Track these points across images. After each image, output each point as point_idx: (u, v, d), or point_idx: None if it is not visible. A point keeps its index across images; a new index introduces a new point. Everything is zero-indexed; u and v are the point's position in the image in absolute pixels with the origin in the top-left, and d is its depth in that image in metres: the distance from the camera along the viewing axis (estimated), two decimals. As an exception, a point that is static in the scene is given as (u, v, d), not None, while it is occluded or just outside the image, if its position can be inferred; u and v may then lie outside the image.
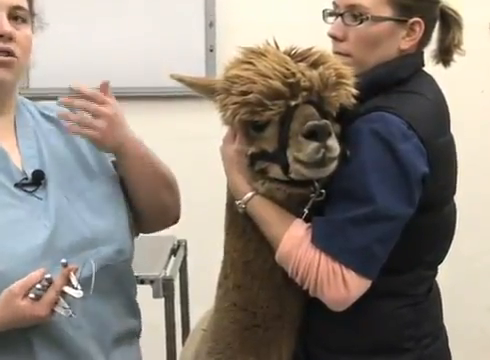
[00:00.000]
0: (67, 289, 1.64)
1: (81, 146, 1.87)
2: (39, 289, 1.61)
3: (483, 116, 3.74)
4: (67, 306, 1.64)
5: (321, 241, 1.68)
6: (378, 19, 1.79)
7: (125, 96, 3.66)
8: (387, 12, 1.80)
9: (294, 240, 1.70)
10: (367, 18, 1.79)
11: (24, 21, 1.76)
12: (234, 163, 1.77)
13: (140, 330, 1.96)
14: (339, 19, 1.84)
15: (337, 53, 1.84)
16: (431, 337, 1.88)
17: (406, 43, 1.83)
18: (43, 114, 1.88)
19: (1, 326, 1.64)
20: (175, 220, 2.02)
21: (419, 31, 1.83)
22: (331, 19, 1.88)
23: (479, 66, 3.53)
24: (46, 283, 1.62)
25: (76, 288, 1.65)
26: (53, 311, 1.64)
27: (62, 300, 1.64)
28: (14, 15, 1.73)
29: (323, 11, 1.90)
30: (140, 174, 1.85)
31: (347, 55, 1.82)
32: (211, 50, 3.66)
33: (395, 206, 1.66)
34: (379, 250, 1.68)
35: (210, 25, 3.67)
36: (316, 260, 1.67)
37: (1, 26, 1.70)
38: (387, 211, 1.66)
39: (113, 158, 1.90)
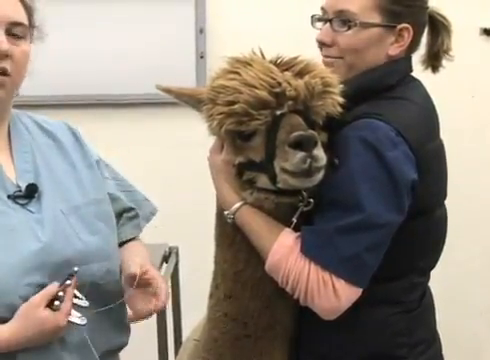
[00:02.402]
0: (74, 300, 1.68)
1: (77, 164, 1.87)
2: (60, 298, 1.64)
3: (473, 121, 3.75)
4: (80, 315, 1.67)
5: (311, 251, 1.68)
6: (366, 25, 1.79)
7: (115, 103, 3.67)
8: (375, 18, 1.80)
9: (284, 250, 1.69)
10: (355, 24, 1.79)
11: (22, 37, 1.73)
12: (221, 173, 1.77)
13: (125, 345, 1.95)
14: (327, 25, 1.84)
15: (327, 56, 1.84)
16: (425, 344, 1.87)
17: (394, 49, 1.83)
18: (42, 127, 1.88)
19: (24, 340, 1.64)
20: None
21: (407, 37, 1.82)
22: (319, 24, 1.88)
23: (469, 71, 3.54)
24: (63, 294, 1.65)
25: (81, 299, 1.69)
26: (69, 322, 1.66)
27: (73, 310, 1.67)
28: (12, 31, 1.71)
29: (311, 17, 1.90)
30: None
31: (338, 57, 1.83)
32: (201, 57, 3.66)
33: (384, 214, 1.66)
34: (369, 258, 1.68)
35: (200, 32, 3.66)
36: (306, 270, 1.67)
37: None
38: (376, 219, 1.65)
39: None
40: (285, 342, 1.85)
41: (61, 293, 1.64)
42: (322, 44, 1.85)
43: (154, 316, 2.90)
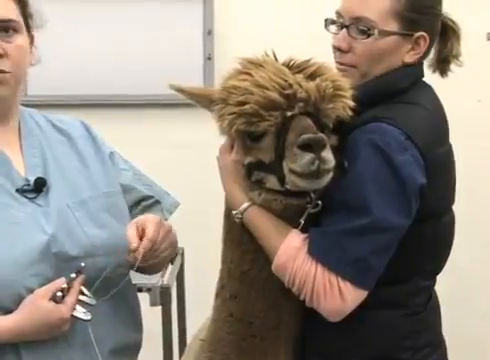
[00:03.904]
0: (80, 297, 1.70)
1: (89, 159, 1.88)
2: (63, 289, 1.66)
3: (480, 125, 3.75)
4: (85, 310, 1.69)
5: (318, 252, 1.68)
6: (385, 34, 1.78)
7: (123, 104, 3.69)
8: (393, 26, 1.79)
9: (291, 251, 1.70)
10: (374, 32, 1.78)
11: (16, 31, 1.74)
12: (231, 173, 1.77)
13: (140, 345, 1.95)
14: (344, 30, 1.82)
15: (341, 63, 1.83)
16: (430, 347, 1.88)
17: (410, 57, 1.83)
18: (55, 126, 1.89)
19: (26, 333, 1.66)
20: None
21: (424, 45, 1.82)
22: (333, 28, 1.87)
23: (476, 76, 3.54)
24: (66, 286, 1.66)
25: (89, 296, 1.71)
26: (72, 316, 1.67)
27: (78, 306, 1.69)
28: (4, 28, 1.72)
29: (325, 20, 1.88)
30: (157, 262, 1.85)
31: (352, 66, 1.82)
32: (209, 58, 3.67)
33: (392, 218, 1.66)
34: (375, 261, 1.68)
35: (208, 33, 3.67)
36: (313, 271, 1.68)
37: None
38: (383, 223, 1.66)
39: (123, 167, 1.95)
40: (290, 342, 1.85)
41: (65, 285, 1.66)
42: (338, 50, 1.84)
43: (159, 316, 2.93)
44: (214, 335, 1.89)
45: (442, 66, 1.91)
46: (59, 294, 1.65)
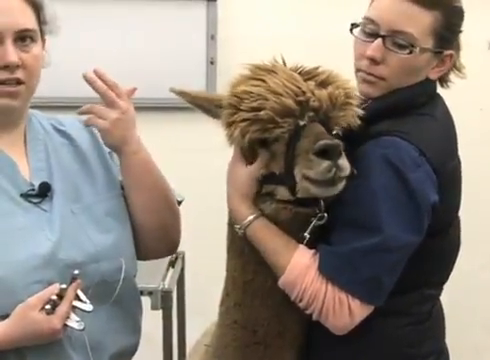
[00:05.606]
0: (76, 303, 1.65)
1: (92, 162, 1.86)
2: (54, 301, 1.61)
3: (482, 134, 3.75)
4: (79, 319, 1.64)
5: (329, 272, 1.67)
6: (424, 51, 1.76)
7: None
8: (429, 43, 1.76)
9: (301, 268, 1.69)
10: (416, 50, 1.74)
11: (33, 40, 1.73)
12: (242, 186, 1.73)
13: (137, 348, 1.94)
14: (379, 40, 1.75)
15: (369, 74, 1.78)
16: (434, 356, 1.87)
17: (435, 73, 1.82)
18: (56, 128, 1.88)
19: (15, 341, 1.63)
20: (173, 246, 1.99)
21: (449, 63, 1.82)
22: (356, 32, 1.81)
23: (478, 84, 3.54)
24: (56, 297, 1.62)
25: (85, 302, 1.66)
26: (65, 325, 1.64)
27: (73, 314, 1.64)
28: (21, 37, 1.70)
29: (352, 24, 1.81)
30: (139, 181, 1.82)
31: (381, 78, 1.78)
32: (212, 62, 3.67)
33: (403, 236, 1.65)
34: (386, 279, 1.68)
35: (211, 38, 3.68)
36: (323, 290, 1.67)
37: (7, 56, 1.67)
38: (395, 242, 1.65)
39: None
40: (294, 350, 1.85)
41: (54, 297, 1.62)
42: (371, 60, 1.77)
43: (160, 319, 2.93)
44: (219, 341, 1.89)
45: (442, 77, 1.89)
46: (48, 307, 1.60)
